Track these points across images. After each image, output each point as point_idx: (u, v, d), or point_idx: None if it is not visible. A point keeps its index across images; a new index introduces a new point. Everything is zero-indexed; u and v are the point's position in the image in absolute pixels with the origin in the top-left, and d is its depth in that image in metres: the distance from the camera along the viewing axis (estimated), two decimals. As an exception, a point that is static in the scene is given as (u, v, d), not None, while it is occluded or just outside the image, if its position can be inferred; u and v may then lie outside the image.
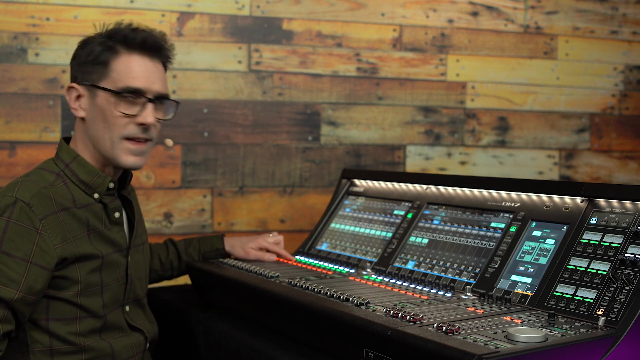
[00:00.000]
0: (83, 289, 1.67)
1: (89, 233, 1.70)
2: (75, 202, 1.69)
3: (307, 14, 2.81)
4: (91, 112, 1.73)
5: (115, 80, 1.70)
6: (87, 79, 1.72)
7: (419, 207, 2.11)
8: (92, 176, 1.73)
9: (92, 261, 1.68)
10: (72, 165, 1.73)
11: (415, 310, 1.54)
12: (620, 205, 1.63)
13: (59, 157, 1.76)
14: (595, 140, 3.20)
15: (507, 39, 3.07)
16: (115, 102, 1.69)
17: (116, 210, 1.78)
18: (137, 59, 1.72)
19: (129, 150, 1.72)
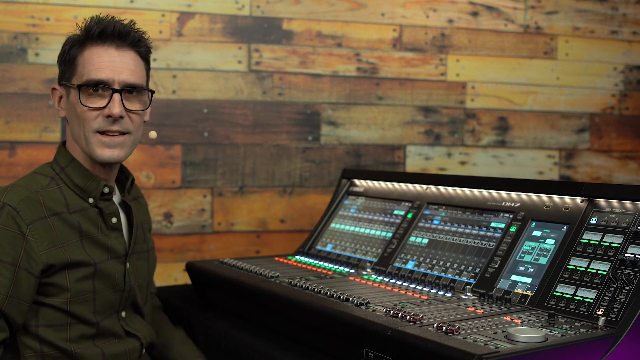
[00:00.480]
0: (73, 296, 1.63)
1: (81, 239, 1.66)
2: (68, 206, 1.66)
3: (307, 14, 2.81)
4: (68, 111, 1.71)
5: (80, 74, 1.66)
6: (62, 78, 1.71)
7: (419, 207, 2.11)
8: (86, 180, 1.70)
9: (82, 268, 1.65)
10: (68, 169, 1.71)
11: (415, 310, 1.54)
12: (620, 205, 1.63)
13: (56, 160, 1.74)
14: (595, 140, 3.20)
15: (507, 39, 3.07)
16: (81, 97, 1.65)
17: (113, 216, 1.74)
18: (99, 50, 1.66)
19: (102, 142, 1.65)
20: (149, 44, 1.76)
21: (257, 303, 1.90)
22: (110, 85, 1.65)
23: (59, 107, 1.74)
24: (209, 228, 2.72)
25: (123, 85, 1.66)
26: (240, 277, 1.95)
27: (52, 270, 1.60)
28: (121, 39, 1.68)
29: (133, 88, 1.69)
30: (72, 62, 1.68)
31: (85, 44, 1.67)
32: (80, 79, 1.65)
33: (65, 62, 1.70)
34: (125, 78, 1.67)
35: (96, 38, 1.67)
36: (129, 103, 1.68)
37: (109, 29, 1.66)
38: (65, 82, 1.70)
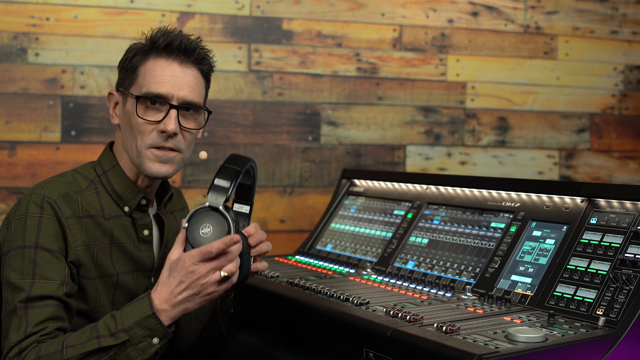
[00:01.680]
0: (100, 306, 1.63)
1: (111, 246, 1.65)
2: (103, 211, 1.65)
3: (307, 14, 2.81)
4: (122, 119, 1.68)
5: (140, 85, 1.62)
6: (121, 85, 1.68)
7: (419, 207, 2.11)
8: (126, 188, 1.68)
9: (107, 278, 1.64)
10: (110, 174, 1.68)
11: (415, 310, 1.54)
12: (620, 205, 1.63)
13: (100, 162, 1.71)
14: (595, 140, 3.20)
15: (507, 39, 3.07)
16: (138, 108, 1.61)
17: (145, 228, 1.71)
18: (162, 63, 1.63)
19: (154, 156, 1.62)
20: (212, 63, 1.73)
21: (257, 303, 1.90)
22: (169, 101, 1.61)
23: (113, 113, 1.70)
24: (209, 228, 2.72)
25: (181, 101, 1.62)
26: (240, 277, 1.94)
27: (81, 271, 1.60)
28: (186, 54, 1.64)
29: (190, 106, 1.65)
30: (133, 70, 1.64)
31: (149, 55, 1.63)
32: (139, 90, 1.62)
33: (126, 70, 1.66)
34: (185, 95, 1.63)
35: (161, 50, 1.63)
36: (185, 120, 1.64)
37: (176, 43, 1.62)
38: (123, 90, 1.66)
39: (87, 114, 2.57)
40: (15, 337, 1.47)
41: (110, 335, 1.44)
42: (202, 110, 1.69)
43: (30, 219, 1.55)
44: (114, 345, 1.43)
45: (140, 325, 1.44)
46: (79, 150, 2.56)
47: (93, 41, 2.57)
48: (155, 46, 1.63)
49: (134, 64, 1.64)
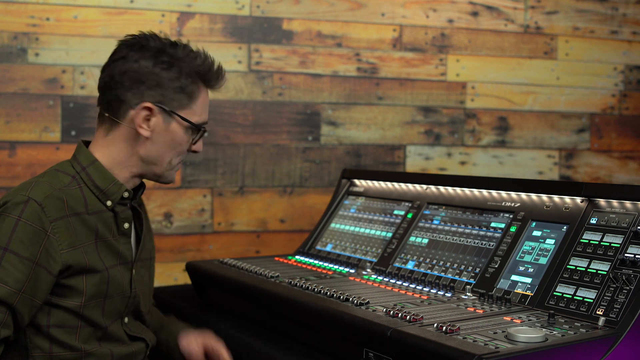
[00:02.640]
0: (86, 300, 1.63)
1: (96, 241, 1.66)
2: (87, 207, 1.66)
3: (307, 14, 2.81)
4: (159, 135, 1.69)
5: (195, 112, 1.72)
6: (168, 105, 1.68)
7: (419, 207, 2.11)
8: (107, 183, 1.69)
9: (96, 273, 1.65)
10: (89, 169, 1.69)
11: (415, 310, 1.54)
12: (620, 205, 1.63)
13: (77, 159, 1.72)
14: (595, 140, 3.20)
15: (507, 39, 3.07)
16: (188, 132, 1.72)
17: (126, 221, 1.74)
18: (207, 94, 1.77)
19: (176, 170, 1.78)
20: None
21: (257, 303, 1.90)
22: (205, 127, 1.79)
23: (144, 125, 1.68)
24: (209, 228, 2.72)
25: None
26: (241, 277, 1.95)
27: (70, 272, 1.60)
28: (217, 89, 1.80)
29: None
30: (188, 96, 1.71)
31: (200, 85, 1.73)
32: (193, 117, 1.71)
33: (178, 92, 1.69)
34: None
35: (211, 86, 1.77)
36: None
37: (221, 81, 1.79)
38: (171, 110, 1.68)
39: (87, 114, 2.57)
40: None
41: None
42: None
43: (8, 220, 1.54)
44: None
45: None
46: (79, 150, 2.56)
47: (93, 41, 2.57)
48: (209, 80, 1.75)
49: (191, 90, 1.71)
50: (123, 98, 1.67)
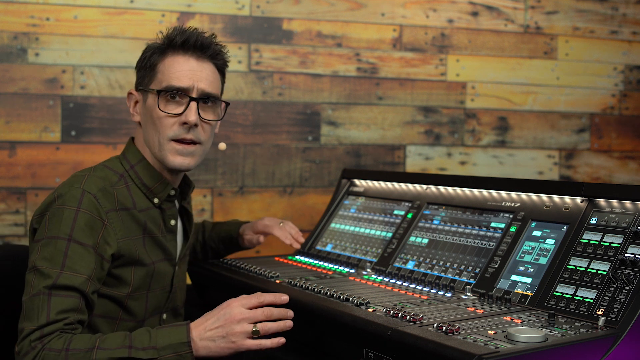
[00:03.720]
0: (132, 291, 1.68)
1: (144, 236, 1.71)
2: (135, 205, 1.71)
3: (307, 14, 2.81)
4: (143, 116, 1.75)
5: (160, 80, 1.70)
6: (141, 84, 1.75)
7: (419, 207, 2.11)
8: (155, 181, 1.75)
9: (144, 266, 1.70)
10: (137, 167, 1.74)
11: (415, 310, 1.54)
12: (620, 205, 1.63)
13: (126, 157, 1.77)
14: (595, 140, 3.20)
15: (507, 39, 3.07)
16: (159, 102, 1.68)
17: (172, 218, 1.79)
18: (180, 59, 1.71)
19: (175, 150, 1.70)
20: (226, 58, 1.83)
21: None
22: (189, 93, 1.69)
23: (133, 111, 1.77)
24: (209, 228, 2.72)
25: (200, 94, 1.71)
26: (241, 277, 1.95)
27: (120, 262, 1.65)
28: (202, 50, 1.73)
29: (209, 98, 1.73)
30: (152, 68, 1.72)
31: (167, 52, 1.72)
32: (159, 85, 1.70)
33: (145, 68, 1.74)
34: (203, 87, 1.71)
35: (178, 47, 1.71)
36: (204, 112, 1.73)
37: (192, 40, 1.71)
38: (143, 88, 1.74)
39: (87, 114, 2.57)
40: (36, 321, 1.48)
41: (142, 349, 1.45)
42: (219, 103, 1.78)
43: (67, 211, 1.58)
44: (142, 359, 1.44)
45: (172, 348, 1.46)
46: (79, 150, 2.56)
47: (93, 41, 2.57)
48: (172, 44, 1.71)
49: (152, 62, 1.72)
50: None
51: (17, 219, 2.51)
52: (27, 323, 1.49)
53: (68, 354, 1.44)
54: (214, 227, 2.25)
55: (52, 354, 1.44)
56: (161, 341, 1.47)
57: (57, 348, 1.45)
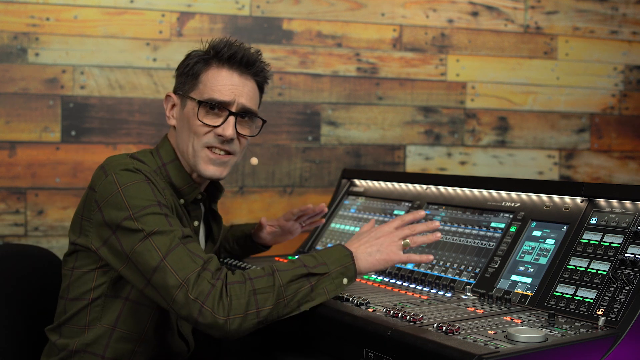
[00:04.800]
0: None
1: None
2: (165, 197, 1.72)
3: (307, 14, 2.81)
4: (180, 121, 1.77)
5: (202, 91, 1.73)
6: (181, 89, 1.77)
7: (419, 207, 2.11)
8: (184, 183, 1.77)
9: None
10: (169, 167, 1.76)
11: (415, 310, 1.54)
12: (620, 205, 1.63)
13: (159, 153, 1.79)
14: (595, 140, 3.20)
15: (507, 39, 3.07)
16: (199, 112, 1.71)
17: (196, 219, 1.81)
18: (224, 73, 1.74)
19: (208, 158, 1.74)
20: (268, 75, 1.85)
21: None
22: (229, 107, 1.73)
23: (170, 114, 1.80)
24: (209, 228, 2.72)
25: (239, 109, 1.75)
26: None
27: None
28: (247, 67, 1.76)
29: (246, 113, 1.76)
30: (194, 77, 1.75)
31: (211, 63, 1.75)
32: (201, 95, 1.72)
33: (187, 75, 1.76)
34: (243, 102, 1.75)
35: (224, 61, 1.74)
36: (240, 127, 1.77)
37: (238, 56, 1.74)
38: (183, 94, 1.76)
39: (87, 114, 2.57)
40: (194, 265, 1.50)
41: (314, 267, 1.55)
42: (256, 118, 1.81)
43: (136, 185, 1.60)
44: (317, 274, 1.54)
45: (339, 262, 1.57)
46: (79, 150, 2.56)
47: (93, 41, 2.57)
48: (218, 56, 1.74)
49: (196, 71, 1.75)
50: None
51: (17, 219, 2.51)
52: (182, 272, 1.49)
53: (253, 282, 1.50)
54: (231, 228, 2.26)
55: (237, 285, 1.49)
56: (327, 259, 1.57)
57: (239, 280, 1.50)
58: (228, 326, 1.46)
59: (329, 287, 1.55)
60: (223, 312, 1.46)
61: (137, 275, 1.54)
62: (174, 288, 1.48)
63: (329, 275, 1.55)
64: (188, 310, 1.46)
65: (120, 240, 1.56)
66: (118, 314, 1.66)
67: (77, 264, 1.68)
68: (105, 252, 1.60)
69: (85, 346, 1.66)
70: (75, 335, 1.67)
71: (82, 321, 1.67)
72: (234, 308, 1.46)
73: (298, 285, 1.52)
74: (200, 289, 1.46)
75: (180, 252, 1.52)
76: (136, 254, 1.53)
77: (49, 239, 2.53)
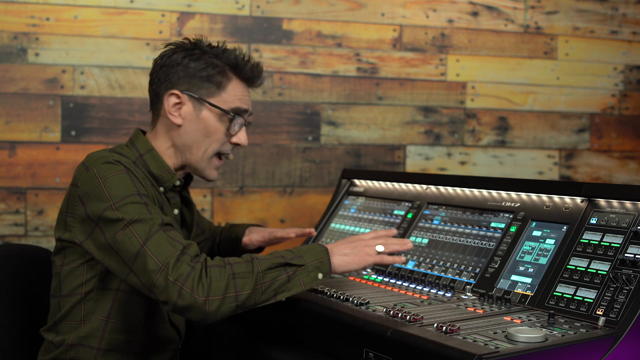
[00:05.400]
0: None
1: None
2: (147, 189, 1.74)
3: (307, 14, 2.81)
4: (191, 123, 1.79)
5: (225, 100, 1.80)
6: (196, 92, 1.79)
7: (419, 207, 2.11)
8: (162, 171, 1.80)
9: None
10: (146, 157, 1.79)
11: (415, 310, 1.54)
12: (620, 205, 1.63)
13: (134, 145, 1.81)
14: (595, 140, 3.20)
15: (507, 39, 3.07)
16: (222, 120, 1.79)
17: (175, 207, 1.87)
18: (242, 86, 1.83)
19: (214, 165, 1.85)
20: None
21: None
22: (246, 117, 1.85)
23: (174, 112, 1.80)
24: (209, 228, 2.72)
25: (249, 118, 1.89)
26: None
27: None
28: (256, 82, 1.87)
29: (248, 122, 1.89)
30: (217, 85, 1.79)
31: (232, 76, 1.82)
32: (225, 104, 1.79)
33: (205, 81, 1.79)
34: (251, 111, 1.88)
35: (246, 79, 1.84)
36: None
37: (257, 80, 1.86)
38: (198, 97, 1.78)
39: (87, 114, 2.57)
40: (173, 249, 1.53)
41: (291, 258, 1.61)
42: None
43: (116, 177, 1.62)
44: (294, 265, 1.60)
45: (314, 256, 1.64)
46: (79, 150, 2.56)
47: (93, 41, 2.57)
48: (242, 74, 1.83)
49: (218, 80, 1.79)
50: (158, 91, 1.81)
51: (17, 219, 2.51)
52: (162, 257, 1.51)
53: (232, 267, 1.54)
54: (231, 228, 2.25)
55: (216, 269, 1.52)
56: (304, 253, 1.64)
57: (218, 264, 1.54)
58: (207, 307, 1.49)
59: (305, 280, 1.61)
60: (202, 292, 1.48)
61: (119, 265, 1.57)
62: (154, 272, 1.50)
63: (305, 268, 1.61)
64: (167, 293, 1.49)
65: (103, 231, 1.59)
66: (111, 306, 1.69)
67: (65, 261, 1.70)
68: (90, 245, 1.62)
69: (80, 339, 1.68)
70: (72, 330, 1.69)
71: (78, 316, 1.69)
72: (213, 290, 1.50)
73: (276, 273, 1.57)
74: (179, 271, 1.49)
75: (160, 237, 1.54)
76: (117, 242, 1.56)
77: (49, 239, 2.53)
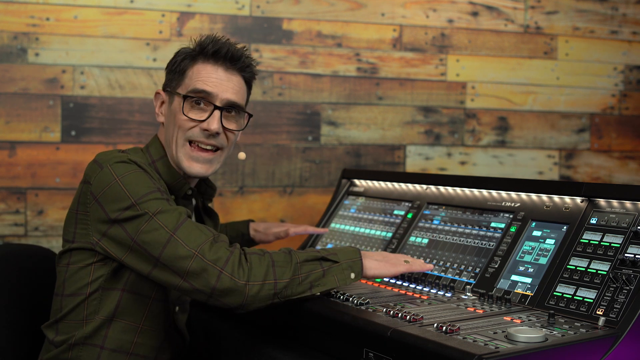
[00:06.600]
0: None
1: None
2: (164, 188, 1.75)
3: (307, 14, 2.81)
4: (167, 117, 1.79)
5: (187, 85, 1.75)
6: (169, 86, 1.79)
7: (419, 207, 2.11)
8: (173, 179, 1.78)
9: None
10: (158, 164, 1.78)
11: (415, 310, 1.54)
12: (620, 205, 1.63)
13: (149, 151, 1.80)
14: (595, 140, 3.20)
15: (507, 39, 3.07)
16: (184, 106, 1.73)
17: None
18: (209, 68, 1.75)
19: (189, 156, 1.75)
20: (255, 71, 1.87)
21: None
22: (213, 101, 1.74)
23: (159, 111, 1.82)
24: (209, 228, 2.72)
25: (225, 103, 1.75)
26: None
27: None
28: (232, 62, 1.77)
29: (232, 107, 1.77)
30: (181, 73, 1.76)
31: (197, 59, 1.76)
32: (185, 89, 1.74)
33: (174, 72, 1.78)
34: (228, 97, 1.75)
35: (209, 56, 1.75)
36: (227, 121, 1.77)
37: (223, 51, 1.75)
38: (170, 90, 1.78)
39: (87, 114, 2.57)
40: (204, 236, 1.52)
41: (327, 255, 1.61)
42: (243, 113, 1.82)
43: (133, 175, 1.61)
44: (330, 260, 1.60)
45: (347, 256, 1.63)
46: (79, 150, 2.56)
47: (93, 41, 2.57)
48: (203, 52, 1.75)
49: (182, 67, 1.76)
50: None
51: (17, 219, 2.51)
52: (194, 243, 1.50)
53: (272, 255, 1.54)
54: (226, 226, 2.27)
55: (255, 256, 1.53)
56: (338, 251, 1.64)
57: (257, 252, 1.54)
58: (247, 291, 1.47)
59: (339, 276, 1.60)
60: (243, 276, 1.47)
61: (142, 259, 1.54)
62: (187, 258, 1.48)
63: (340, 265, 1.60)
64: (205, 277, 1.46)
65: (124, 228, 1.56)
66: (116, 305, 1.67)
67: (72, 260, 1.69)
68: (106, 244, 1.60)
69: (84, 339, 1.67)
70: (73, 329, 1.68)
71: (80, 316, 1.68)
72: (254, 275, 1.49)
73: (312, 266, 1.57)
74: (218, 255, 1.48)
75: (189, 225, 1.53)
76: (143, 234, 1.53)
77: (49, 239, 2.53)
